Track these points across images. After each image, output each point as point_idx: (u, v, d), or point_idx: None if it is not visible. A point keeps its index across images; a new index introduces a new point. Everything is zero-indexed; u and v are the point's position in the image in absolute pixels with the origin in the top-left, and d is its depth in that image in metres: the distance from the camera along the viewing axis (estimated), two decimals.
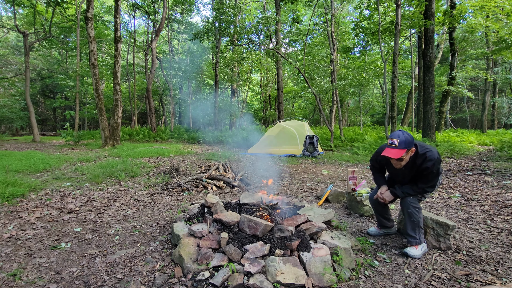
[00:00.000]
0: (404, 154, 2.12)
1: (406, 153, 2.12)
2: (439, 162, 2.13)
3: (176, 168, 5.63)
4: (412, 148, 2.14)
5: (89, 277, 2.01)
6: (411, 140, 2.11)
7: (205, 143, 13.83)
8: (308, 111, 27.22)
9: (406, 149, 2.09)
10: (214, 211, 2.53)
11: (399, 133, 2.13)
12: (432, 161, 2.11)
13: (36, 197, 3.96)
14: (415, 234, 2.28)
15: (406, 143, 2.09)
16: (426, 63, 10.22)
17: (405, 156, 2.15)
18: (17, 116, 22.80)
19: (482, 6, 10.94)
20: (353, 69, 15.16)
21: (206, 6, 27.45)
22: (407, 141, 2.09)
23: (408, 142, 2.10)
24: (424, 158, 2.14)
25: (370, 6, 10.90)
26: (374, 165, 2.60)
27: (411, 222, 2.28)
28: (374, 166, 2.61)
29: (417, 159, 2.19)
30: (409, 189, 2.30)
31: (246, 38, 11.77)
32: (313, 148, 8.71)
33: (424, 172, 2.18)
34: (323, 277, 1.84)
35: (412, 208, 2.28)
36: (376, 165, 2.60)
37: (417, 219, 2.27)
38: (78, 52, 17.58)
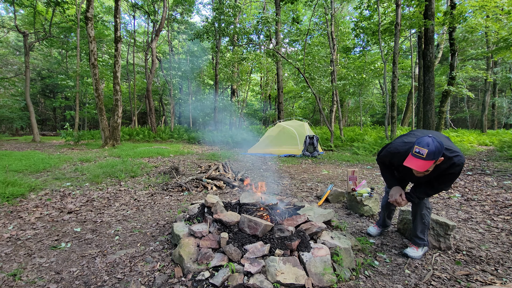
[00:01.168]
0: (431, 167, 1.86)
1: (433, 164, 1.85)
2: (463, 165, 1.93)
3: (176, 168, 5.63)
4: (440, 158, 1.85)
5: (89, 277, 2.01)
6: (441, 149, 1.80)
7: (205, 143, 13.83)
8: (308, 111, 27.21)
9: (434, 160, 1.81)
10: (214, 211, 2.53)
11: (429, 141, 1.81)
12: (459, 166, 1.88)
13: (36, 197, 3.96)
14: (423, 236, 2.22)
15: (435, 154, 1.79)
16: (426, 63, 10.21)
17: (431, 169, 1.89)
18: (17, 116, 22.80)
19: (482, 6, 10.95)
20: (353, 69, 15.16)
21: (206, 6, 27.44)
22: (436, 152, 1.79)
23: (438, 152, 1.79)
24: (451, 164, 1.89)
25: (370, 6, 10.90)
26: (384, 162, 2.32)
27: (422, 224, 2.21)
28: (384, 162, 2.33)
29: (442, 164, 1.91)
30: (424, 192, 2.12)
31: (246, 38, 11.77)
32: (313, 148, 8.71)
33: (448, 177, 1.97)
34: (323, 277, 1.84)
35: (425, 209, 2.20)
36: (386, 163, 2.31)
37: (428, 221, 2.21)
38: (78, 52, 17.58)
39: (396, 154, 2.12)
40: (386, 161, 2.28)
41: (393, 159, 2.18)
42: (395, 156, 2.13)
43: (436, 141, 1.80)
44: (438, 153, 1.79)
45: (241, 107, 19.99)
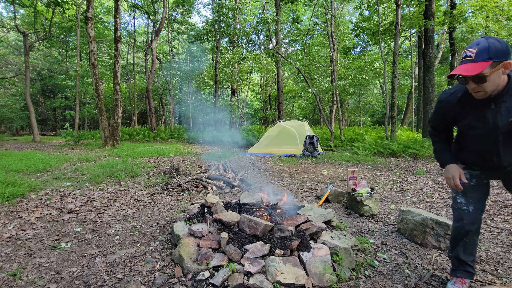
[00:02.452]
0: (487, 70, 1.22)
1: (491, 67, 1.22)
2: None
3: (176, 168, 5.63)
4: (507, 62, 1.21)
5: (89, 277, 2.01)
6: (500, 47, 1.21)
7: (205, 143, 13.83)
8: (308, 111, 27.22)
9: (490, 60, 1.21)
10: (214, 211, 2.53)
11: (480, 40, 1.26)
12: None
13: (36, 197, 3.96)
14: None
15: (490, 51, 1.21)
16: (426, 63, 10.22)
17: (488, 73, 1.22)
18: (17, 116, 22.81)
19: (482, 6, 10.96)
20: (353, 69, 15.17)
21: (206, 6, 27.45)
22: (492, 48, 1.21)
23: (495, 49, 1.20)
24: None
25: (370, 6, 10.91)
26: (436, 126, 1.64)
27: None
28: (436, 127, 1.65)
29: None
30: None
31: (245, 39, 11.77)
32: (313, 148, 8.71)
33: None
34: (323, 277, 1.84)
35: None
36: (439, 126, 1.62)
37: None
38: (78, 52, 17.59)
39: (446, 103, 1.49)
40: (440, 125, 1.61)
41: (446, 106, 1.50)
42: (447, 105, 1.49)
43: (492, 39, 1.23)
44: (496, 51, 1.20)
45: (241, 107, 20.00)
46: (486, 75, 1.23)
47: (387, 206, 3.68)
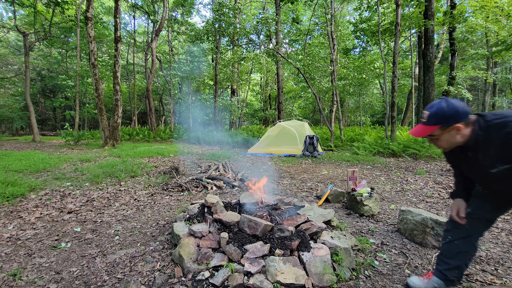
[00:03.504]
0: (437, 132, 1.41)
1: (441, 130, 1.40)
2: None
3: (176, 168, 5.63)
4: (457, 125, 1.36)
5: (89, 277, 2.01)
6: (448, 111, 1.35)
7: (205, 143, 13.82)
8: (308, 111, 27.21)
9: (437, 125, 1.38)
10: (214, 211, 2.53)
11: (435, 103, 1.41)
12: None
13: (36, 197, 3.96)
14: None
15: (438, 117, 1.37)
16: (426, 63, 10.22)
17: (438, 135, 1.42)
18: (17, 116, 22.81)
19: (482, 6, 10.96)
20: (353, 69, 15.17)
21: (206, 6, 27.46)
22: (440, 114, 1.37)
23: (445, 116, 1.36)
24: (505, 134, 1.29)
25: (370, 7, 10.90)
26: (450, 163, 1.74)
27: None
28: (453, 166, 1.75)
29: (491, 137, 1.34)
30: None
31: (246, 39, 11.78)
32: (313, 148, 8.71)
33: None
34: (323, 277, 1.84)
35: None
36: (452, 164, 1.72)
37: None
38: (78, 52, 17.59)
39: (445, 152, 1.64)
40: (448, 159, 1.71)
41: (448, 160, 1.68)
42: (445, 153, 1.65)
43: (444, 103, 1.38)
44: (444, 116, 1.36)
45: (241, 107, 19.99)
46: (436, 137, 1.43)
47: (387, 206, 3.68)
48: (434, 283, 1.75)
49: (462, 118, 1.36)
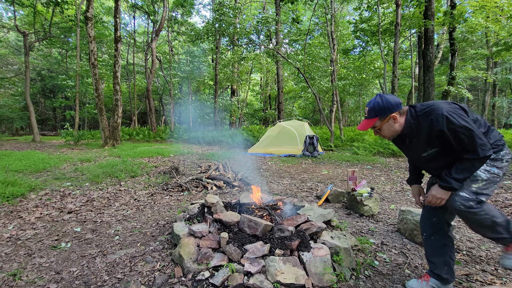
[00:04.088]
0: (377, 123, 1.61)
1: (380, 121, 1.60)
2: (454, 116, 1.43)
3: (176, 168, 5.63)
4: (392, 115, 1.56)
5: (89, 277, 2.01)
6: (383, 105, 1.56)
7: (205, 143, 13.83)
8: (308, 111, 27.22)
9: (376, 117, 1.59)
10: (214, 211, 2.53)
11: (373, 99, 1.63)
12: (440, 118, 1.43)
13: (36, 197, 3.96)
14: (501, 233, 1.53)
15: (375, 110, 1.58)
16: (426, 63, 10.21)
17: (379, 125, 1.62)
18: (17, 116, 22.81)
19: (482, 6, 10.95)
20: (353, 69, 15.16)
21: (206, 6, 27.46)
22: (377, 108, 1.57)
23: (380, 108, 1.57)
24: (430, 121, 1.48)
25: (370, 7, 10.90)
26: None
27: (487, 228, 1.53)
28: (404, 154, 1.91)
29: (420, 125, 1.54)
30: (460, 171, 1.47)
31: (246, 39, 11.78)
32: (313, 148, 8.71)
33: (448, 138, 1.45)
34: (323, 277, 1.84)
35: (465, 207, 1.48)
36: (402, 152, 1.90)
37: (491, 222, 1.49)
38: (78, 52, 17.59)
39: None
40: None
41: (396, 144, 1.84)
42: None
43: (379, 97, 1.59)
44: (380, 109, 1.57)
45: (241, 107, 20.00)
46: (378, 127, 1.64)
47: (387, 206, 3.68)
48: (433, 284, 1.76)
49: (396, 108, 1.57)
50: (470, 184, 1.52)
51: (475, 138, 1.41)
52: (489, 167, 1.52)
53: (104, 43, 22.75)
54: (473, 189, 1.51)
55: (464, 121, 1.42)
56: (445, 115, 1.44)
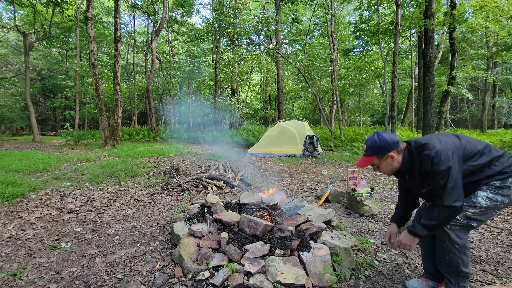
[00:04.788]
0: (376, 161, 1.63)
1: (379, 159, 1.62)
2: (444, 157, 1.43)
3: (176, 168, 5.63)
4: (390, 154, 1.58)
5: (89, 277, 2.01)
6: (380, 143, 1.58)
7: (205, 143, 13.82)
8: (308, 111, 27.21)
9: (374, 155, 1.61)
10: (214, 211, 2.53)
11: (369, 137, 1.66)
12: (428, 158, 1.46)
13: (36, 197, 3.96)
14: (451, 278, 1.59)
15: (373, 149, 1.60)
16: (426, 63, 10.21)
17: (377, 163, 1.65)
18: (17, 116, 22.80)
19: (482, 6, 10.95)
20: (353, 69, 15.16)
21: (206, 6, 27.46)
22: (374, 146, 1.60)
23: (378, 147, 1.58)
24: (420, 160, 1.52)
25: (370, 7, 10.89)
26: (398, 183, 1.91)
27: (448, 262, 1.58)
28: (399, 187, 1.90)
29: (414, 162, 1.59)
30: (427, 217, 1.51)
31: (246, 39, 11.78)
32: (313, 148, 8.71)
33: (431, 178, 1.48)
34: (323, 277, 1.84)
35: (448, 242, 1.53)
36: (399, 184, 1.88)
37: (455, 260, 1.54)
38: (78, 52, 17.59)
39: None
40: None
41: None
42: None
43: (376, 136, 1.62)
44: (377, 148, 1.59)
45: (241, 107, 19.99)
46: (376, 165, 1.66)
47: (387, 206, 3.67)
48: (432, 284, 1.78)
49: (393, 147, 1.59)
50: (467, 208, 1.53)
51: (447, 185, 1.42)
52: (492, 195, 1.51)
53: (104, 43, 22.73)
54: (467, 214, 1.53)
55: (448, 166, 1.42)
56: (432, 156, 1.45)
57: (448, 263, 1.58)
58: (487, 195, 1.51)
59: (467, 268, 1.56)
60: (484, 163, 1.53)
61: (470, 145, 1.56)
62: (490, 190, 1.51)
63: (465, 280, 1.58)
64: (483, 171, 1.53)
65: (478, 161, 1.53)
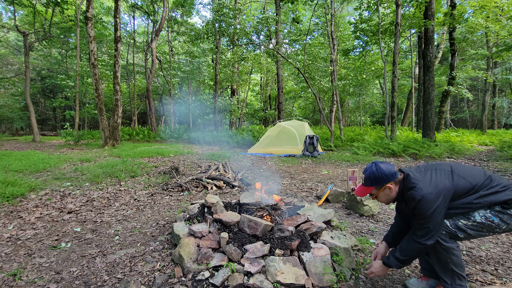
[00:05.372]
0: (374, 191, 1.71)
1: (377, 190, 1.69)
2: (428, 202, 1.49)
3: (176, 168, 5.63)
4: (387, 185, 1.64)
5: (89, 277, 2.01)
6: (377, 175, 1.63)
7: (205, 143, 13.82)
8: (308, 111, 27.22)
9: (373, 186, 1.68)
10: (214, 211, 2.53)
11: (368, 167, 1.70)
12: (414, 201, 1.54)
13: (36, 197, 3.96)
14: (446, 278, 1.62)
15: (371, 180, 1.66)
16: (426, 63, 10.21)
17: (375, 193, 1.71)
18: (17, 116, 22.80)
19: (482, 6, 10.96)
20: (353, 69, 15.16)
21: (206, 6, 27.46)
22: (372, 177, 1.65)
23: (374, 178, 1.64)
24: (407, 196, 1.60)
25: (370, 7, 10.90)
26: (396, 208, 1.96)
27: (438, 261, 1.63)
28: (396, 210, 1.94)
29: (404, 195, 1.65)
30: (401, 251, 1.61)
31: (246, 39, 11.78)
32: (313, 148, 8.71)
33: (413, 213, 1.59)
34: (323, 277, 1.84)
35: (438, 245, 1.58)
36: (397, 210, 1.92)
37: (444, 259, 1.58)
38: (78, 52, 17.59)
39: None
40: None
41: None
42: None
43: (374, 167, 1.66)
44: (375, 179, 1.65)
45: (241, 107, 19.99)
46: (374, 195, 1.73)
47: (387, 206, 3.67)
48: (432, 284, 1.79)
49: (390, 179, 1.64)
50: (460, 218, 1.55)
51: (424, 226, 1.52)
52: (490, 214, 1.51)
53: (104, 43, 22.73)
54: (458, 223, 1.54)
55: (430, 212, 1.49)
56: (417, 200, 1.52)
57: (438, 262, 1.62)
58: (485, 214, 1.52)
59: (459, 268, 1.57)
60: (478, 197, 1.54)
61: (463, 181, 1.56)
62: (490, 211, 1.52)
63: (461, 280, 1.59)
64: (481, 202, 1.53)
65: (470, 197, 1.55)
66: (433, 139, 9.92)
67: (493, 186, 1.54)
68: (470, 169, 1.64)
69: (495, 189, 1.53)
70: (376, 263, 1.75)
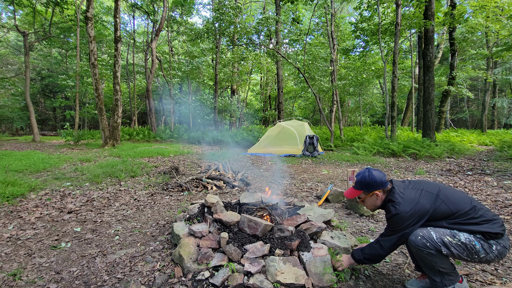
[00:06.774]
0: (362, 195, 1.81)
1: (365, 194, 1.79)
2: (402, 219, 1.59)
3: (176, 168, 5.63)
4: (375, 192, 1.74)
5: (89, 277, 2.01)
6: (368, 181, 1.73)
7: (205, 143, 13.83)
8: (308, 111, 27.21)
9: (361, 190, 1.78)
10: (214, 211, 2.53)
11: (362, 172, 1.80)
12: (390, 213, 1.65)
13: (36, 197, 3.96)
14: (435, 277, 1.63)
15: (361, 184, 1.76)
16: (426, 63, 10.21)
17: (363, 197, 1.81)
18: (17, 116, 22.82)
19: (482, 6, 10.96)
20: (353, 69, 15.17)
21: (206, 6, 27.44)
22: (362, 182, 1.75)
23: (364, 183, 1.74)
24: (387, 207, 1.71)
25: (370, 6, 10.90)
26: None
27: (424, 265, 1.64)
28: None
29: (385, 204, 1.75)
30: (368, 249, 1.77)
31: (246, 38, 11.78)
32: (313, 148, 8.71)
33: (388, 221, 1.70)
34: (323, 277, 1.84)
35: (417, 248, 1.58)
36: None
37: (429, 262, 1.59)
38: (78, 52, 17.59)
39: None
40: None
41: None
42: None
43: (367, 173, 1.75)
44: (365, 184, 1.74)
45: (241, 107, 19.99)
46: (362, 199, 1.83)
47: None
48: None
49: (380, 186, 1.73)
50: (448, 233, 1.55)
51: (391, 236, 1.67)
52: (473, 238, 1.52)
53: (104, 43, 22.74)
54: (444, 240, 1.54)
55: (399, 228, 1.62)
56: (393, 214, 1.63)
57: (424, 265, 1.63)
58: (469, 236, 1.52)
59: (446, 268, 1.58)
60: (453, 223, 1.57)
61: (444, 207, 1.58)
62: (474, 235, 1.53)
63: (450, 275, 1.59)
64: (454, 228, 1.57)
65: (447, 221, 1.58)
66: (433, 139, 9.92)
67: (475, 217, 1.54)
68: (457, 196, 1.63)
69: (476, 221, 1.53)
70: (346, 255, 1.91)
